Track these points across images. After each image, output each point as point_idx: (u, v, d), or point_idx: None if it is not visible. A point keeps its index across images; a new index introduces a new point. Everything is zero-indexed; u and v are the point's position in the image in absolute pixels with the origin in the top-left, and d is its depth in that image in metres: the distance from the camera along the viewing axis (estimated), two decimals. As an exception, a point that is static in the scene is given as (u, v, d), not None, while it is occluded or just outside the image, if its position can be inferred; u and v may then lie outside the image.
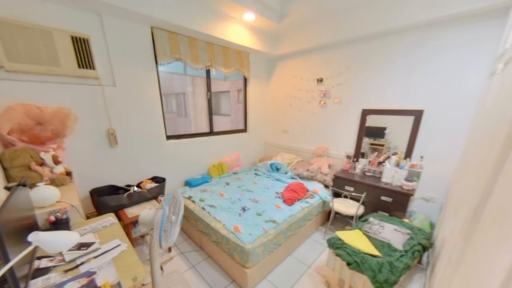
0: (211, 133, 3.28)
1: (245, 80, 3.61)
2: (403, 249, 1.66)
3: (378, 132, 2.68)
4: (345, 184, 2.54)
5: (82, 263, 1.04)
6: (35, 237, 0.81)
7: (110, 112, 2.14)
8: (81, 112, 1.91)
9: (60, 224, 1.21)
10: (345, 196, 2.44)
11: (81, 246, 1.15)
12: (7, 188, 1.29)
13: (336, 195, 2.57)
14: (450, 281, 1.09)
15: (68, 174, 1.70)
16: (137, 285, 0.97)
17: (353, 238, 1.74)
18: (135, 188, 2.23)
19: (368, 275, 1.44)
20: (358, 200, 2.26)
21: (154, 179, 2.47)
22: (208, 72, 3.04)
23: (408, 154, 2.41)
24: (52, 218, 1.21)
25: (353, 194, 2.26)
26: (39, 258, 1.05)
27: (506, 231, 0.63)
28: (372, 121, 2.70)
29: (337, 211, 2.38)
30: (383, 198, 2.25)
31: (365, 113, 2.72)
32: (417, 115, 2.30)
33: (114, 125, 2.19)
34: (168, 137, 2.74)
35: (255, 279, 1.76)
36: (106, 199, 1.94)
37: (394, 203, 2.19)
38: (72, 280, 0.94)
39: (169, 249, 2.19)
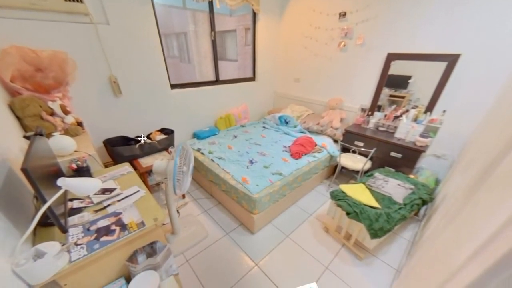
0: (217, 81, 3.09)
1: (254, 16, 3.11)
2: (403, 202, 1.74)
3: (401, 82, 2.42)
4: (355, 139, 2.48)
5: (108, 205, 1.17)
6: (63, 182, 0.87)
7: (108, 57, 2.01)
8: (79, 57, 1.80)
9: (82, 171, 1.30)
10: (354, 151, 2.44)
11: (104, 191, 1.26)
12: (26, 137, 1.34)
13: (345, 150, 2.55)
14: (442, 232, 1.16)
15: (79, 124, 1.73)
16: (158, 224, 1.10)
17: (356, 191, 1.82)
18: (145, 139, 2.30)
19: (365, 223, 1.56)
20: (366, 156, 2.26)
21: (163, 130, 2.51)
22: (211, 5, 2.61)
23: (430, 107, 2.23)
24: (74, 166, 1.29)
25: (362, 149, 2.23)
26: (71, 200, 1.17)
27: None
28: (397, 68, 2.39)
29: (344, 166, 2.42)
30: (392, 154, 2.22)
31: (390, 58, 2.39)
32: (451, 60, 2.00)
33: (115, 72, 2.09)
34: (173, 86, 2.62)
35: (261, 223, 1.97)
36: (120, 149, 2.03)
37: (403, 159, 2.17)
38: (103, 218, 1.08)
39: (183, 196, 2.42)
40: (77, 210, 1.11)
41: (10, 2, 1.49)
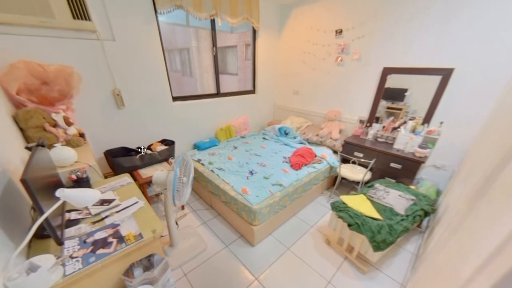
0: (218, 94, 3.15)
1: (254, 32, 3.24)
2: (405, 213, 1.72)
3: (397, 95, 2.48)
4: (354, 150, 2.50)
5: (106, 217, 1.15)
6: (61, 193, 0.87)
7: (113, 71, 2.07)
8: (84, 71, 1.85)
9: (81, 182, 1.30)
10: (353, 162, 2.44)
11: (103, 202, 1.25)
12: (27, 148, 1.36)
13: (345, 160, 2.56)
14: (445, 243, 1.14)
15: (81, 135, 1.75)
16: (156, 236, 1.08)
17: (357, 202, 1.80)
18: (146, 150, 2.31)
19: (367, 235, 1.53)
20: (366, 166, 2.26)
21: (164, 141, 2.53)
22: (213, 23, 2.73)
23: (427, 119, 2.27)
24: (74, 176, 1.29)
25: (362, 160, 2.24)
26: (69, 211, 1.16)
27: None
28: (393, 81, 2.46)
29: (344, 177, 2.41)
30: (392, 165, 2.22)
31: (386, 72, 2.46)
32: (446, 74, 2.06)
33: (119, 85, 2.15)
34: (174, 98, 2.67)
35: (261, 235, 1.93)
36: (120, 160, 2.03)
37: (403, 170, 2.17)
38: (100, 230, 1.06)
39: (182, 207, 2.38)
40: (75, 222, 1.10)
41: (21, 20, 1.55)
